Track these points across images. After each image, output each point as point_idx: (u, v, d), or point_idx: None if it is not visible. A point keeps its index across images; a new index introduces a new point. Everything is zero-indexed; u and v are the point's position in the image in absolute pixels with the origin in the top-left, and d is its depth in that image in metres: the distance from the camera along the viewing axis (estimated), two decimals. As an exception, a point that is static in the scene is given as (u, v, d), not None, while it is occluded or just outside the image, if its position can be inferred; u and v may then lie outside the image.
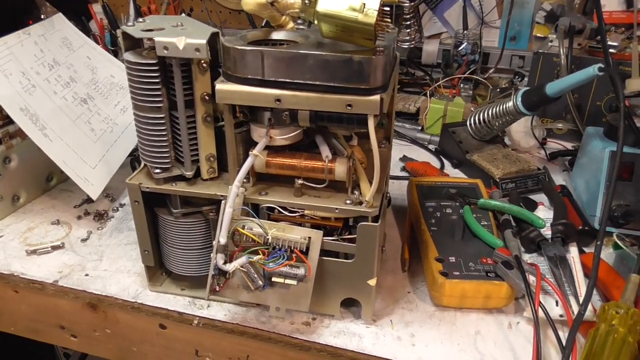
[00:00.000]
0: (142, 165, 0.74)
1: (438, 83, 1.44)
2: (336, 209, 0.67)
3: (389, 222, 0.98)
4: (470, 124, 1.19)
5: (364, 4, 0.55)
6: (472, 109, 1.27)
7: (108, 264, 0.87)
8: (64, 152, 0.92)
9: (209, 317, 0.76)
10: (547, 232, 0.83)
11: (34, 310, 0.86)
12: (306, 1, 0.57)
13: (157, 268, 0.81)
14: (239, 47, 0.61)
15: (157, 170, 0.71)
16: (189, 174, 0.71)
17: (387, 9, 0.56)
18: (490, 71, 1.63)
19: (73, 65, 1.07)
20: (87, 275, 0.84)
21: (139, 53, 0.68)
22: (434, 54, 1.70)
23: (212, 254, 0.67)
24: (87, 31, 1.59)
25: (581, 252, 0.83)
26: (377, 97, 0.59)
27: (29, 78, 0.95)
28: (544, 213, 0.88)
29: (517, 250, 0.77)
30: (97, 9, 1.56)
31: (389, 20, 0.56)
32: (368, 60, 0.58)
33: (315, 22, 0.58)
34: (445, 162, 1.21)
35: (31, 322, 0.88)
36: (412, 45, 1.48)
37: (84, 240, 0.93)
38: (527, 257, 0.82)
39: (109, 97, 1.10)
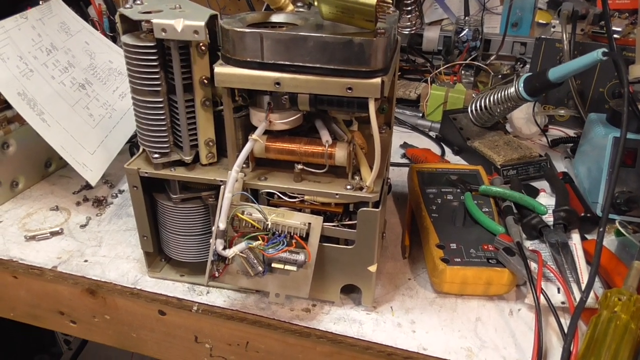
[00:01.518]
0: (140, 150, 0.74)
1: (439, 69, 1.43)
2: (336, 194, 0.66)
3: (389, 209, 0.98)
4: (471, 111, 1.18)
5: (365, -15, 0.54)
6: (473, 95, 1.26)
7: (107, 250, 0.87)
8: (62, 137, 0.91)
9: (208, 303, 0.75)
10: (549, 218, 0.83)
11: (33, 296, 0.86)
12: (306, -18, 0.56)
13: (156, 254, 0.81)
14: (238, 29, 0.60)
15: (156, 155, 0.70)
16: (188, 159, 0.70)
17: (388, -11, 0.54)
18: (492, 58, 1.61)
19: (71, 50, 1.06)
20: (86, 261, 0.84)
21: (137, 36, 0.67)
22: (434, 40, 1.69)
23: (211, 240, 0.66)
24: (85, 17, 1.58)
25: (583, 239, 0.82)
26: (378, 80, 0.58)
27: (27, 62, 0.94)
28: (546, 200, 0.88)
29: (518, 236, 0.77)
30: (95, -6, 1.55)
31: (390, 1, 0.55)
32: (369, 42, 0.57)
33: (315, 3, 0.57)
34: (446, 149, 1.21)
35: (30, 307, 0.88)
36: (413, 32, 1.46)
37: (82, 226, 0.92)
38: (528, 244, 0.81)
39: (107, 82, 1.09)
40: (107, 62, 1.12)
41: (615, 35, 1.12)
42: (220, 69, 0.62)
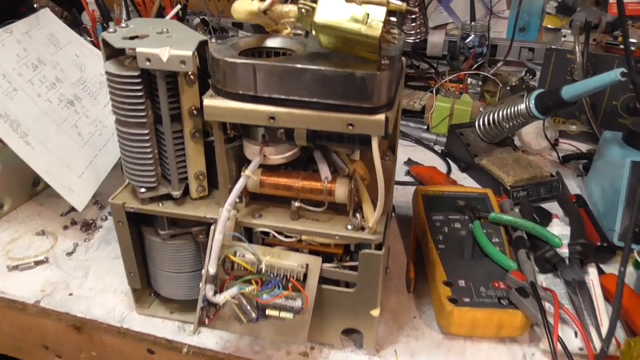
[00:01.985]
0: (126, 181, 0.69)
1: (444, 80, 1.37)
2: (336, 235, 0.61)
3: (393, 233, 0.93)
4: (478, 125, 1.12)
5: (368, 14, 0.49)
6: (480, 108, 1.21)
7: (94, 281, 0.82)
8: (47, 160, 0.86)
9: (199, 345, 0.70)
10: (563, 250, 0.78)
11: (16, 329, 0.81)
12: (303, 10, 0.50)
13: (145, 288, 0.76)
14: (229, 60, 0.55)
15: (142, 190, 0.65)
16: (177, 193, 0.65)
17: (394, 19, 0.49)
18: (499, 64, 1.56)
19: (60, 64, 1.01)
20: (71, 294, 0.79)
21: (121, 62, 0.62)
22: (439, 45, 1.64)
23: (200, 284, 0.61)
24: (78, 23, 1.53)
25: (600, 272, 0.77)
26: (381, 117, 0.53)
27: (10, 81, 0.89)
28: (560, 229, 0.82)
29: (532, 275, 0.72)
30: (89, -1, 1.49)
31: (396, 31, 0.50)
32: (372, 76, 0.52)
33: (313, 32, 0.52)
34: (452, 165, 1.15)
35: (14, 340, 0.83)
36: (417, 40, 1.41)
37: (69, 253, 0.87)
38: (542, 278, 0.76)
39: (97, 97, 1.04)
40: (98, 75, 1.07)
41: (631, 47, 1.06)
42: (209, 102, 0.57)
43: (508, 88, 1.28)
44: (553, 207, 0.97)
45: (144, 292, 0.76)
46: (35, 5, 1.86)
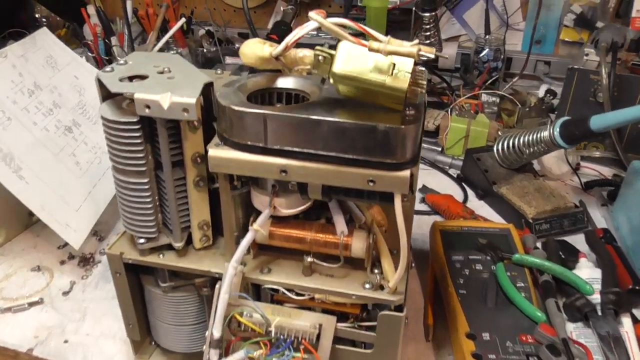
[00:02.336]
0: (124, 229, 0.63)
1: (459, 100, 1.31)
2: (353, 295, 0.56)
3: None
4: (497, 151, 1.07)
5: (394, 64, 0.43)
6: (499, 132, 1.15)
7: (91, 326, 0.77)
8: (42, 195, 0.81)
9: (203, 405, 0.65)
10: (595, 295, 0.72)
11: (9, 375, 0.76)
12: (320, 57, 0.45)
13: (145, 337, 0.71)
14: (236, 109, 0.49)
15: (142, 240, 0.60)
16: (179, 245, 0.60)
17: (422, 67, 0.44)
18: (515, 79, 1.50)
19: (57, 87, 0.96)
20: (66, 341, 0.74)
21: (118, 104, 0.56)
22: (452, 58, 1.58)
23: (204, 347, 0.56)
24: (80, 38, 1.48)
25: (635, 321, 0.71)
26: (406, 173, 0.48)
27: (4, 110, 0.84)
28: (589, 271, 0.77)
29: (563, 329, 0.66)
30: (91, 11, 1.44)
31: (424, 81, 0.44)
32: (396, 130, 0.46)
33: (331, 81, 0.47)
34: (469, 191, 1.10)
35: (6, 386, 0.78)
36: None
37: (65, 293, 0.83)
38: (571, 327, 0.71)
39: (97, 122, 0.99)
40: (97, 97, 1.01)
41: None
42: (215, 152, 0.52)
43: (527, 109, 1.22)
44: (578, 239, 0.92)
45: (144, 341, 0.71)
46: (37, 15, 1.82)
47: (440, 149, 1.22)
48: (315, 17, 0.43)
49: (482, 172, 1.07)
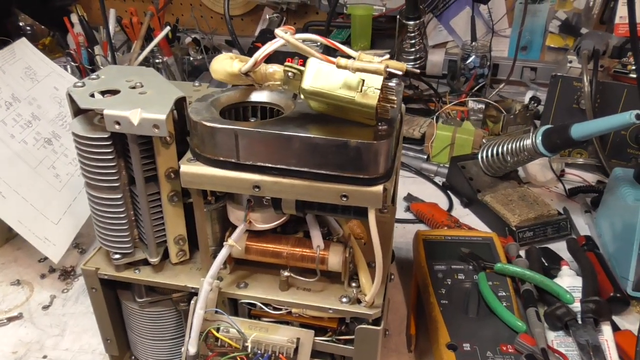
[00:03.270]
0: (99, 245, 0.63)
1: (445, 107, 1.31)
2: (330, 309, 0.56)
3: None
4: (482, 158, 1.07)
5: (363, 81, 0.43)
6: (483, 140, 1.15)
7: (70, 341, 0.76)
8: (19, 209, 0.80)
9: (181, 421, 0.64)
10: (575, 304, 0.72)
11: (-13, 392, 0.75)
12: (289, 73, 0.45)
13: (125, 352, 0.70)
14: (208, 124, 0.49)
15: (117, 256, 0.59)
16: (154, 260, 0.59)
17: (392, 84, 0.43)
18: (501, 86, 1.51)
19: (36, 99, 0.95)
20: (45, 357, 0.73)
21: (90, 120, 0.56)
22: (439, 64, 1.58)
23: (180, 363, 0.55)
24: (63, 47, 1.47)
25: (615, 329, 0.71)
26: (379, 189, 0.48)
27: (-19, 123, 0.83)
28: (570, 279, 0.77)
29: (543, 339, 0.66)
30: (74, 19, 1.43)
31: (394, 97, 0.44)
32: (368, 145, 0.46)
33: (302, 97, 0.46)
34: (454, 199, 1.10)
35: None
36: (416, 65, 1.35)
37: (45, 307, 0.82)
38: (552, 336, 0.71)
39: (78, 133, 0.98)
40: (78, 109, 1.01)
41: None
42: (187, 168, 0.51)
43: (512, 116, 1.22)
44: (561, 247, 0.92)
45: (124, 356, 0.70)
46: (20, 23, 1.81)
47: (425, 157, 1.22)
48: (282, 35, 0.43)
49: (467, 180, 1.07)
